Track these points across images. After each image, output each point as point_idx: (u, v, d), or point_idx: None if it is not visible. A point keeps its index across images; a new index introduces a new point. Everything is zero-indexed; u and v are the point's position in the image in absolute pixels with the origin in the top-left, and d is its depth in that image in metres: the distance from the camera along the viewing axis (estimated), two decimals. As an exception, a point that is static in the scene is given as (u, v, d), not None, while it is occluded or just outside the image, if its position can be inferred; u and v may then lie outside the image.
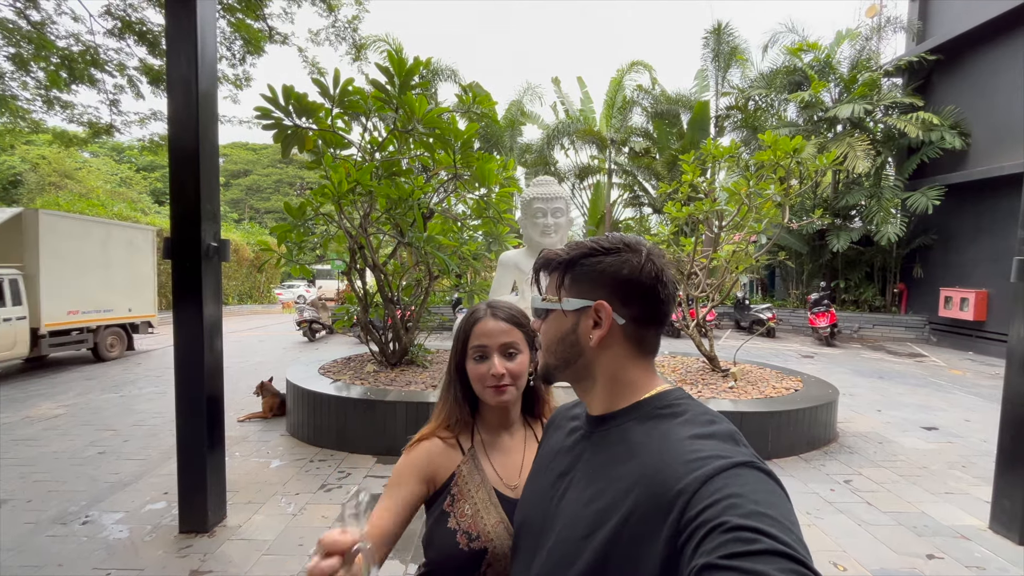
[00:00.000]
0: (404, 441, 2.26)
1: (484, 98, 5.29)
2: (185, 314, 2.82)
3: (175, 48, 2.74)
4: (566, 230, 5.17)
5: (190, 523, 2.88)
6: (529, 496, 0.76)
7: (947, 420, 5.34)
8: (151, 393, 6.11)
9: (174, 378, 2.84)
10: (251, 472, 3.77)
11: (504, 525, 0.88)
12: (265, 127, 4.54)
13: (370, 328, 5.40)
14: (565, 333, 0.68)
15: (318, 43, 9.68)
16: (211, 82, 2.87)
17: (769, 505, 0.46)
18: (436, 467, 0.94)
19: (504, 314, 0.96)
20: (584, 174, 15.43)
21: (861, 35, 12.42)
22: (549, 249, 0.72)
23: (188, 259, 2.78)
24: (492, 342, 0.93)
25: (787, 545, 0.42)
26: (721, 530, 0.44)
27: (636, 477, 0.56)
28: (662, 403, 0.64)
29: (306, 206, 4.89)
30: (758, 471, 0.50)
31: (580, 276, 0.67)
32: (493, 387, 0.92)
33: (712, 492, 0.47)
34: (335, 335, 11.63)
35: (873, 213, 11.05)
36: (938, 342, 10.87)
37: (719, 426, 0.58)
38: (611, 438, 0.65)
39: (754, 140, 12.28)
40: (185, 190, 2.77)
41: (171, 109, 2.75)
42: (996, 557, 2.76)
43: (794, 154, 5.05)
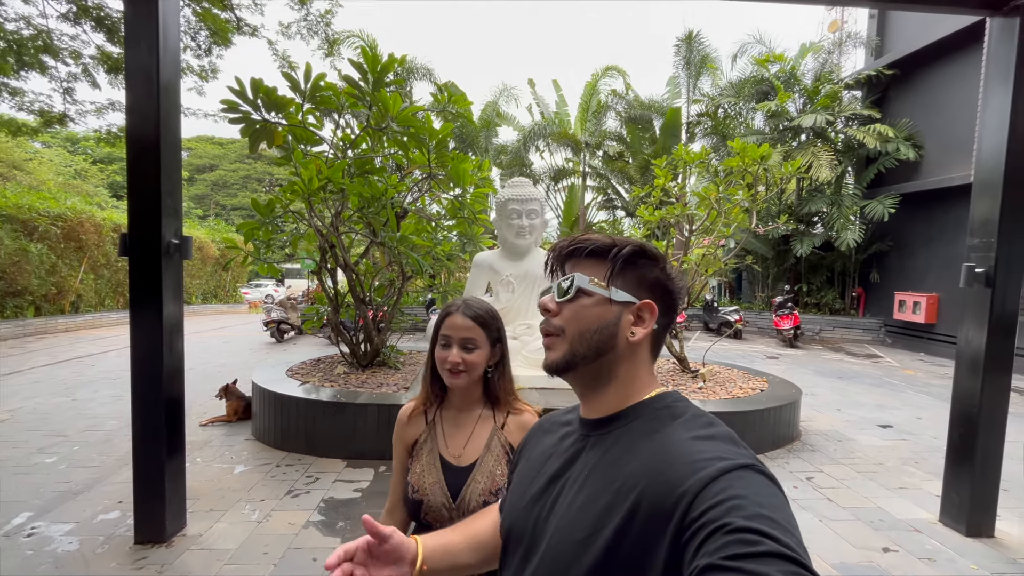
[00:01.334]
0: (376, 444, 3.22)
1: (459, 98, 5.25)
2: (143, 314, 2.69)
3: (135, 34, 2.62)
4: (541, 231, 5.18)
5: (146, 533, 2.75)
6: (516, 503, 0.74)
7: (901, 418, 5.60)
8: (107, 396, 5.82)
9: (131, 380, 2.70)
10: (213, 478, 3.63)
11: (440, 486, 1.10)
12: (232, 121, 4.38)
13: (341, 329, 5.29)
14: (606, 323, 0.65)
15: (289, 36, 9.44)
16: (174, 72, 2.75)
17: (771, 508, 0.46)
18: (409, 434, 1.19)
19: (472, 312, 1.12)
20: (559, 176, 15.54)
21: (824, 48, 12.93)
22: (585, 234, 0.71)
23: (147, 256, 2.66)
24: (456, 334, 1.10)
25: (789, 548, 0.42)
26: (724, 531, 0.44)
27: (638, 478, 0.55)
28: (660, 405, 0.64)
29: (275, 203, 4.75)
30: (760, 474, 0.51)
31: (632, 272, 0.67)
32: (449, 371, 1.10)
33: (715, 493, 0.48)
34: (304, 336, 11.34)
35: (834, 220, 11.51)
36: (892, 343, 11.40)
37: (718, 428, 0.58)
38: (610, 440, 0.64)
39: (723, 147, 12.61)
40: (144, 184, 2.64)
41: (130, 99, 2.62)
42: (945, 548, 2.90)
43: (762, 161, 5.20)
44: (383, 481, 3.61)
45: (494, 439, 1.14)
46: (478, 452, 1.13)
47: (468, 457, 1.13)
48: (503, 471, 1.12)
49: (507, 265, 5.07)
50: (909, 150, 10.69)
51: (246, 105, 4.29)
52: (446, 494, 1.09)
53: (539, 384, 4.52)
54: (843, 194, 11.88)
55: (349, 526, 2.99)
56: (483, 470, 1.11)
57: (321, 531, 2.93)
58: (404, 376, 5.00)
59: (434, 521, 1.09)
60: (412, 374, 5.12)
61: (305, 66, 4.38)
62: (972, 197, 3.14)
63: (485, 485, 1.09)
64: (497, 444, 1.13)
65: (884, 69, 11.44)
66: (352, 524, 3.02)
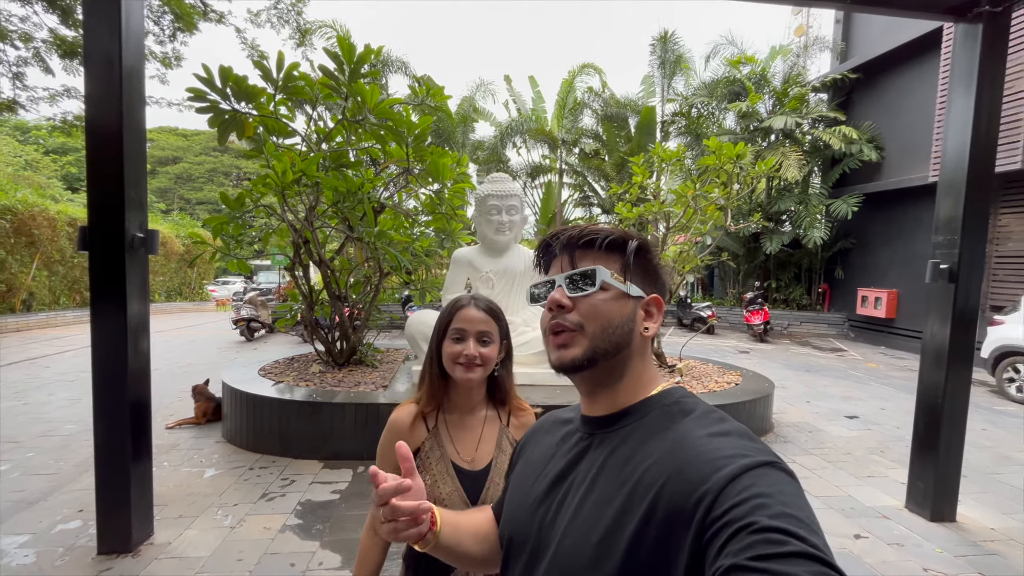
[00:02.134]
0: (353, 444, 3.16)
1: (437, 91, 5.17)
2: (105, 311, 2.54)
3: (95, 16, 2.46)
4: (520, 228, 5.16)
5: (110, 543, 2.61)
6: (517, 507, 0.71)
7: (866, 409, 5.82)
8: (64, 400, 5.51)
9: (92, 382, 2.55)
10: (182, 483, 3.48)
11: (459, 494, 1.04)
12: (199, 110, 4.21)
13: (316, 327, 5.15)
14: (625, 319, 0.64)
15: (258, 24, 9.13)
16: (137, 56, 2.60)
17: (796, 507, 0.45)
18: (410, 442, 1.07)
19: (484, 305, 1.09)
20: (536, 173, 15.54)
21: (792, 52, 13.30)
22: (589, 225, 0.68)
23: (109, 251, 2.51)
24: (471, 328, 1.06)
25: (816, 548, 0.41)
26: (749, 530, 0.43)
27: (654, 477, 0.54)
28: (669, 400, 0.63)
29: (245, 197, 4.58)
30: (782, 471, 0.49)
31: (643, 266, 0.66)
32: (464, 364, 1.05)
33: (739, 491, 0.46)
34: (275, 334, 11.03)
35: (801, 218, 11.88)
36: (855, 338, 11.86)
37: (732, 424, 0.57)
38: (618, 438, 0.62)
39: (697, 145, 12.84)
40: (106, 175, 2.49)
41: (90, 85, 2.46)
42: (912, 534, 3.02)
43: (737, 160, 5.30)
44: (362, 482, 3.52)
45: (503, 438, 1.11)
46: (491, 453, 1.10)
47: (482, 460, 1.09)
48: None
49: (487, 261, 5.02)
50: (872, 152, 11.11)
51: (214, 94, 4.12)
52: (466, 501, 1.04)
53: (520, 381, 4.50)
54: (810, 193, 12.27)
55: (328, 529, 2.91)
56: (499, 470, 1.08)
57: (299, 535, 2.84)
58: (382, 374, 4.90)
59: None
60: (390, 372, 5.03)
61: (277, 55, 4.23)
62: (937, 196, 3.27)
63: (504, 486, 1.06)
64: (507, 443, 1.11)
65: (848, 73, 11.84)
66: (331, 527, 2.93)
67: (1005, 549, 2.88)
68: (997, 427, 5.25)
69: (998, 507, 3.41)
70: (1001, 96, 3.11)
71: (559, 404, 4.01)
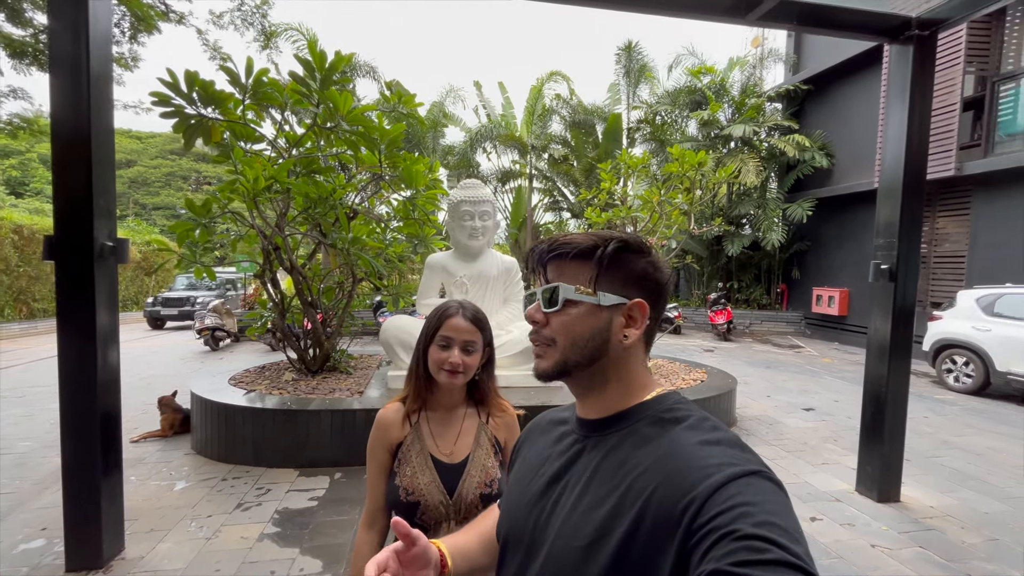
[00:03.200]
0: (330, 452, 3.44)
1: (409, 98, 5.21)
2: (73, 322, 2.48)
3: (60, 19, 2.42)
4: (493, 232, 5.25)
5: (79, 559, 2.54)
6: (514, 505, 0.71)
7: (821, 401, 6.18)
8: (14, 416, 5.24)
9: (59, 395, 2.48)
10: (151, 497, 3.40)
11: (436, 485, 1.12)
12: (164, 115, 4.12)
13: (288, 334, 5.09)
14: (598, 330, 0.63)
15: (222, 26, 8.93)
16: (105, 61, 2.56)
17: (780, 515, 0.46)
18: (392, 438, 1.17)
19: (471, 315, 1.16)
20: (506, 178, 15.68)
21: (749, 63, 13.94)
22: (562, 235, 0.68)
23: (77, 261, 2.46)
24: (458, 336, 1.13)
25: (797, 556, 0.42)
26: (732, 537, 0.44)
27: (645, 483, 0.54)
28: (663, 407, 0.63)
29: (212, 203, 4.51)
30: (769, 481, 0.50)
31: (618, 270, 0.64)
32: (448, 371, 1.12)
33: (724, 499, 0.47)
34: (241, 343, 10.73)
35: (760, 221, 12.44)
36: (811, 335, 12.48)
37: (724, 433, 0.57)
38: (612, 443, 0.62)
39: (662, 152, 13.28)
40: (73, 183, 2.44)
41: (56, 90, 2.41)
42: (862, 514, 3.26)
43: (699, 167, 5.56)
44: (339, 488, 3.52)
45: (482, 434, 1.19)
46: (468, 448, 1.17)
47: (459, 454, 1.16)
48: (494, 463, 1.16)
49: (460, 266, 5.09)
50: (823, 159, 11.76)
51: (179, 98, 4.05)
52: (443, 491, 1.11)
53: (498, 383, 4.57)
54: (768, 198, 12.87)
55: (307, 535, 2.91)
56: (476, 464, 1.15)
57: (277, 543, 2.83)
58: (357, 380, 4.89)
59: (431, 520, 1.11)
60: (365, 378, 5.02)
61: (247, 61, 4.19)
62: (877, 202, 3.55)
63: (480, 478, 1.13)
64: (485, 439, 1.18)
65: (800, 84, 12.52)
66: (310, 533, 2.93)
67: (943, 525, 3.15)
68: (937, 414, 5.68)
69: (937, 487, 3.72)
70: (930, 109, 3.42)
71: (536, 405, 4.12)
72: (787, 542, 0.43)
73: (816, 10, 3.35)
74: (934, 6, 3.25)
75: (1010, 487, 3.74)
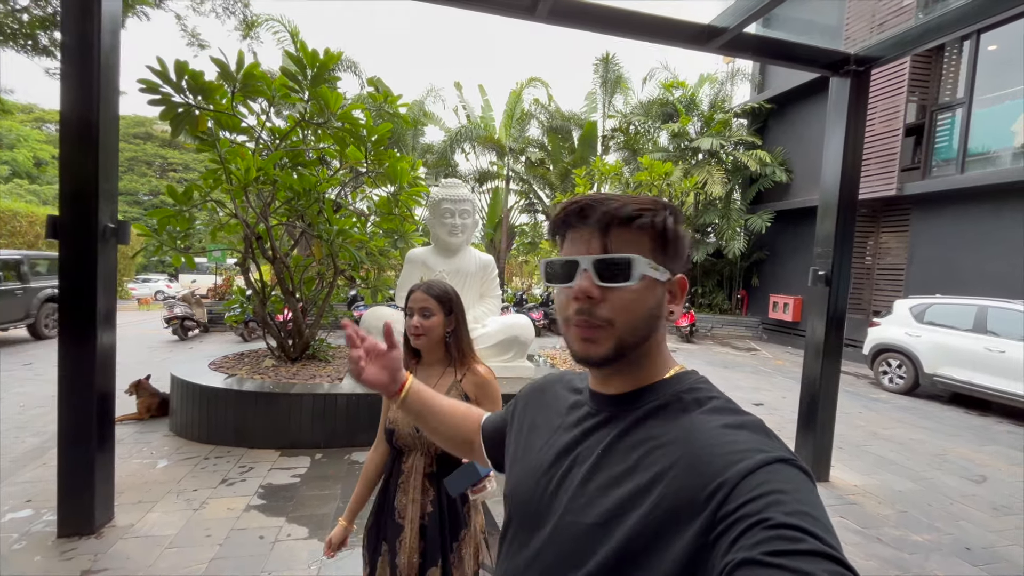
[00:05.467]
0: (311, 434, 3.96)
1: (394, 98, 5.42)
2: (75, 300, 2.61)
3: (71, 7, 2.55)
4: (472, 231, 5.50)
5: (72, 526, 2.67)
6: (522, 473, 0.69)
7: (770, 398, 6.69)
8: (-20, 398, 5.16)
9: (57, 369, 2.60)
10: (135, 473, 3.51)
11: (406, 419, 1.40)
12: (152, 102, 4.21)
13: (268, 322, 5.20)
14: (656, 306, 0.60)
15: (201, 13, 8.86)
16: (114, 49, 2.69)
17: (812, 505, 0.45)
18: None
19: (427, 289, 1.45)
20: (484, 179, 15.94)
21: (718, 80, 14.64)
22: (614, 196, 0.61)
23: (80, 241, 2.59)
24: (416, 305, 1.44)
25: (832, 547, 0.41)
26: (764, 526, 0.42)
27: (666, 466, 0.53)
28: (683, 386, 0.61)
29: (193, 190, 4.60)
30: (798, 468, 0.48)
31: (676, 243, 0.61)
32: (413, 334, 1.43)
33: (754, 486, 0.46)
34: (210, 333, 10.60)
35: (724, 231, 13.11)
36: (768, 339, 13.22)
37: (747, 417, 0.56)
38: (630, 420, 0.60)
39: (634, 160, 13.80)
40: (79, 166, 2.57)
41: (66, 77, 2.54)
42: (795, 491, 3.68)
43: (665, 177, 5.97)
44: (321, 467, 3.71)
45: (452, 389, 1.47)
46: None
47: None
48: None
49: (440, 261, 5.32)
50: (782, 174, 12.51)
51: (167, 87, 4.15)
52: (411, 425, 1.42)
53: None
54: (731, 208, 13.57)
55: (292, 507, 3.09)
56: None
57: (264, 513, 3.01)
58: (336, 368, 5.05)
59: (403, 446, 1.43)
60: (344, 366, 5.18)
61: (238, 54, 4.32)
62: (817, 216, 4.00)
63: None
64: (455, 392, 1.47)
65: (764, 103, 13.26)
66: (295, 505, 3.12)
67: (864, 500, 3.60)
68: (870, 410, 6.26)
69: (862, 470, 4.19)
70: (863, 136, 3.88)
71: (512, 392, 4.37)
72: (821, 533, 0.42)
73: (770, 43, 3.77)
74: (869, 45, 3.71)
75: (924, 471, 4.25)
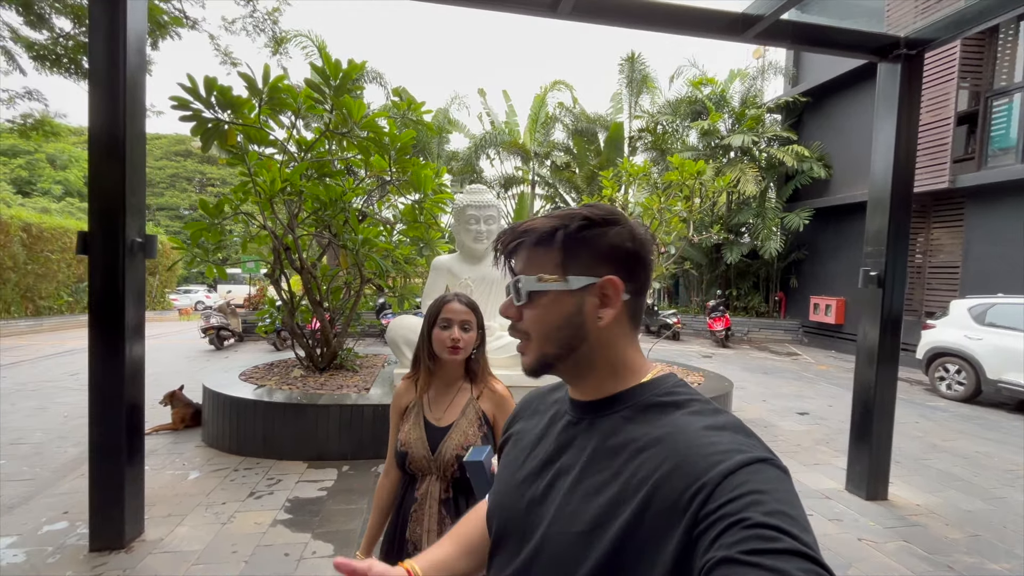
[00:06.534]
0: (338, 445, 3.88)
1: (418, 106, 5.40)
2: (103, 314, 2.63)
3: (99, 29, 2.58)
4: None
5: (103, 540, 2.67)
6: (505, 487, 0.69)
7: (815, 406, 6.31)
8: (29, 408, 5.37)
9: (88, 382, 2.63)
10: (166, 485, 3.53)
11: (422, 441, 1.34)
12: (183, 119, 4.29)
13: (297, 332, 5.23)
14: (570, 316, 0.61)
15: (233, 32, 9.14)
16: (139, 67, 2.72)
17: (789, 505, 0.46)
18: (403, 402, 1.44)
19: (466, 300, 1.40)
20: (509, 184, 15.88)
21: (749, 75, 14.17)
22: (525, 221, 0.64)
23: (109, 256, 2.61)
24: (456, 317, 1.36)
25: (808, 546, 0.42)
26: (742, 526, 0.43)
27: (649, 470, 0.53)
28: (661, 390, 0.61)
29: (225, 204, 4.67)
30: (777, 468, 0.50)
31: (582, 250, 0.60)
32: (450, 347, 1.34)
33: (734, 486, 0.46)
34: (245, 343, 10.86)
35: (759, 230, 12.62)
36: (808, 342, 12.62)
37: (727, 417, 0.56)
38: (609, 426, 0.60)
39: (662, 160, 13.48)
40: (108, 182, 2.60)
41: (93, 95, 2.57)
42: (849, 511, 3.39)
43: (698, 176, 5.73)
44: (348, 480, 3.65)
45: (470, 406, 1.38)
46: (455, 415, 1.37)
47: (447, 419, 1.37)
48: (475, 432, 1.35)
49: (465, 269, 5.24)
50: (821, 169, 11.96)
51: (198, 103, 4.22)
52: (426, 448, 1.34)
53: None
54: (766, 207, 13.06)
55: (318, 522, 3.04)
56: (458, 429, 1.35)
57: (290, 528, 2.96)
58: (364, 378, 5.03)
59: (417, 470, 1.35)
60: (371, 376, 5.15)
61: (264, 68, 4.37)
62: (867, 212, 3.71)
63: (459, 441, 1.33)
64: (472, 410, 1.38)
65: (799, 96, 12.74)
66: (321, 520, 3.06)
67: (928, 521, 3.28)
68: (928, 420, 5.81)
69: (924, 487, 3.85)
70: (917, 125, 3.59)
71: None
72: (798, 532, 0.43)
73: (810, 30, 3.53)
74: (921, 27, 3.42)
75: (995, 488, 3.87)
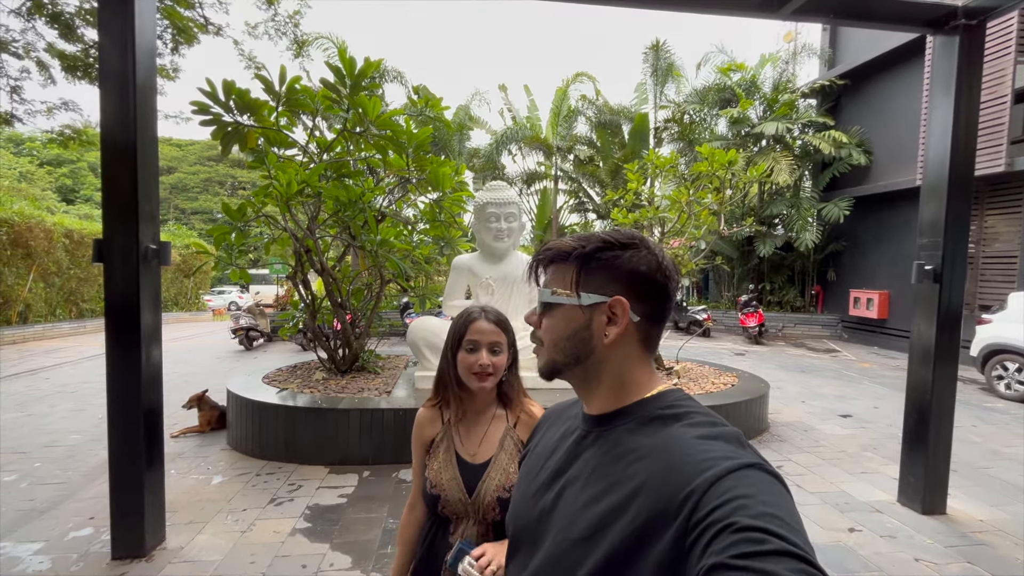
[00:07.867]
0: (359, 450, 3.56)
1: (435, 102, 5.29)
2: (119, 321, 2.61)
3: (108, 35, 2.55)
4: (519, 235, 5.26)
5: (124, 548, 2.66)
6: (520, 499, 0.73)
7: (859, 408, 5.94)
8: (66, 411, 5.54)
9: (106, 390, 2.62)
10: (190, 490, 3.53)
11: (456, 482, 1.14)
12: (203, 123, 4.29)
13: (319, 334, 5.21)
14: (578, 329, 0.65)
15: (256, 36, 9.24)
16: (150, 73, 2.69)
17: (777, 507, 0.46)
18: (427, 434, 1.24)
19: (494, 317, 1.19)
20: (531, 180, 15.69)
21: (781, 59, 13.56)
22: (555, 240, 0.70)
23: (124, 263, 2.58)
24: (484, 339, 1.15)
25: (796, 546, 0.43)
26: (731, 530, 0.44)
27: (644, 479, 0.55)
28: (664, 403, 0.63)
29: (247, 207, 4.67)
30: (765, 472, 0.51)
31: (596, 270, 0.65)
32: (477, 374, 1.14)
33: (721, 492, 0.47)
34: (274, 343, 11.06)
35: (793, 221, 12.06)
36: (848, 338, 12.02)
37: (723, 428, 0.58)
38: (612, 438, 0.63)
39: (690, 151, 13.04)
40: (120, 189, 2.57)
41: (105, 100, 2.54)
42: (904, 526, 3.12)
43: (729, 166, 5.44)
44: (368, 486, 3.59)
45: (507, 438, 1.18)
46: (492, 450, 1.18)
47: (483, 455, 1.17)
48: (516, 468, 1.14)
49: (486, 268, 5.12)
50: (860, 156, 11.33)
51: (217, 107, 4.21)
52: (462, 490, 1.13)
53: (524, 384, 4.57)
54: (801, 197, 12.47)
55: (337, 531, 2.97)
56: (497, 467, 1.15)
57: (308, 538, 2.90)
58: (385, 380, 4.97)
59: (452, 514, 1.15)
60: (392, 378, 5.10)
61: (280, 69, 4.33)
62: (920, 200, 3.39)
63: (499, 481, 1.13)
64: (510, 442, 1.18)
65: (836, 79, 12.09)
66: (340, 529, 3.00)
67: (994, 540, 2.98)
68: (986, 423, 5.38)
69: (987, 500, 3.52)
70: (978, 103, 3.25)
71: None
72: (786, 532, 0.43)
73: (853, 2, 3.24)
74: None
75: (1069, 502, 3.51)
